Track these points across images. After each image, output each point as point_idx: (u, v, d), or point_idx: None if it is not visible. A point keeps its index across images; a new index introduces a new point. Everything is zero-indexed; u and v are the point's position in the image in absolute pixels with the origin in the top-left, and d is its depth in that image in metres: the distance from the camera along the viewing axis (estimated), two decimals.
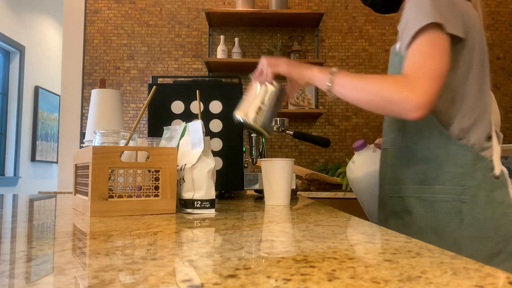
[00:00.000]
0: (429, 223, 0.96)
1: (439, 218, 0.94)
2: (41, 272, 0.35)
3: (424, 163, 0.98)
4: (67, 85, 3.06)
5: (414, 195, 0.99)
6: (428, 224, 0.96)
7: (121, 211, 0.77)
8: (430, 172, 0.97)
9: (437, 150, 0.96)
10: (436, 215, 0.95)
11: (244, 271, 0.35)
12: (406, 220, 1.00)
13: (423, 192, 0.97)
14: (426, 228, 0.96)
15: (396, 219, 1.04)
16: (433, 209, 0.96)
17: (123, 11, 3.11)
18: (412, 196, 0.99)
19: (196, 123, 0.87)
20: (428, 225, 0.96)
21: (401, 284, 0.31)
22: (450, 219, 0.93)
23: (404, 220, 1.01)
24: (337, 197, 2.32)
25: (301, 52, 2.95)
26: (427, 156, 0.97)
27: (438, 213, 0.95)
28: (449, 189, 0.94)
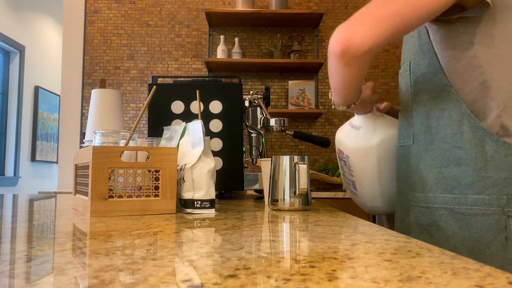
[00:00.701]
0: (464, 242, 0.77)
1: (477, 237, 0.76)
2: (41, 272, 0.35)
3: (456, 165, 0.79)
4: (67, 85, 3.06)
5: (444, 206, 0.80)
6: (463, 243, 0.77)
7: (121, 211, 0.77)
8: (463, 177, 0.78)
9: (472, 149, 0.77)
10: (473, 232, 0.76)
11: (244, 271, 0.35)
12: (435, 236, 0.82)
13: (456, 203, 0.79)
14: (461, 248, 0.78)
15: (421, 233, 0.85)
16: (469, 224, 0.77)
17: (123, 11, 3.11)
18: (442, 208, 0.81)
19: (196, 123, 0.87)
20: (464, 244, 0.77)
21: (401, 284, 0.31)
22: (492, 238, 0.75)
23: (432, 237, 0.83)
24: (337, 197, 2.32)
25: (301, 52, 2.95)
26: (459, 157, 0.79)
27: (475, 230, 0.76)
28: (489, 199, 0.75)
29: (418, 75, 0.88)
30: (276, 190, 0.92)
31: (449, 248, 0.78)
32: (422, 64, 0.86)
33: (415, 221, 0.87)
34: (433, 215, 0.82)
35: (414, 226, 0.87)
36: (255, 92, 1.47)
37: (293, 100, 2.94)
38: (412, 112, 0.89)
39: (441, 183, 0.81)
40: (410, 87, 0.91)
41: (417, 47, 0.87)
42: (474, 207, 0.76)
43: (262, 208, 0.97)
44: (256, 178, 1.31)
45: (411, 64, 0.90)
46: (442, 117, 0.82)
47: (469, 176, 0.77)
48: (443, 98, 0.82)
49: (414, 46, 0.88)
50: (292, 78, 3.07)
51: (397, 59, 3.09)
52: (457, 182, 0.79)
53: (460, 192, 0.78)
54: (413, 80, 0.90)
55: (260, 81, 3.09)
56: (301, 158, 0.91)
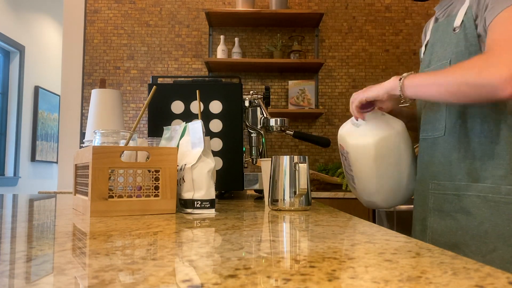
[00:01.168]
0: (495, 228, 0.85)
1: (509, 223, 0.84)
2: (41, 272, 0.35)
3: (490, 158, 0.87)
4: (67, 85, 3.06)
5: (476, 194, 0.88)
6: (494, 228, 0.85)
7: (121, 211, 0.77)
8: (496, 170, 0.86)
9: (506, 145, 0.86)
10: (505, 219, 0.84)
11: (244, 271, 0.35)
12: (462, 221, 0.90)
13: (489, 191, 0.86)
14: (491, 233, 0.86)
15: (444, 219, 0.93)
16: (502, 211, 0.85)
17: (123, 11, 3.11)
18: (474, 195, 0.88)
19: (196, 123, 0.87)
20: (494, 230, 0.85)
21: (401, 284, 0.31)
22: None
23: (458, 221, 0.90)
24: (337, 197, 2.32)
25: (301, 52, 2.95)
26: (494, 151, 0.87)
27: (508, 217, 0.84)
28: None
29: None
30: (276, 190, 0.92)
31: (480, 232, 0.87)
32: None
33: (437, 208, 0.95)
34: (463, 202, 0.89)
35: (434, 212, 0.96)
36: (255, 92, 1.47)
37: (293, 100, 2.94)
38: (447, 107, 0.95)
39: (473, 173, 0.89)
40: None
41: (462, 47, 0.91)
42: (507, 196, 0.84)
43: (262, 208, 0.97)
44: (256, 178, 1.31)
45: (451, 62, 0.93)
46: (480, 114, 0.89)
47: (503, 169, 0.85)
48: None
49: (457, 46, 0.93)
50: (292, 78, 3.07)
51: (397, 59, 3.09)
52: (490, 174, 0.87)
53: (494, 182, 0.86)
54: None
55: (260, 81, 3.09)
56: (301, 158, 0.91)
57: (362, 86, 3.08)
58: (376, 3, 3.13)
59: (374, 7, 3.12)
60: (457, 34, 0.93)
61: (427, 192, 0.99)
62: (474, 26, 0.89)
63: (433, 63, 1.00)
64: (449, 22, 0.97)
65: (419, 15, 3.11)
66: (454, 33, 0.94)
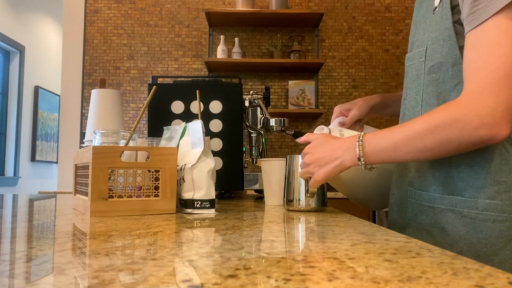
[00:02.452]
0: (471, 248, 0.73)
1: (486, 243, 0.72)
2: (41, 272, 0.35)
3: (468, 166, 0.75)
4: (67, 85, 3.06)
5: (451, 208, 0.76)
6: (470, 248, 0.73)
7: (121, 211, 0.77)
8: (474, 180, 0.74)
9: (487, 151, 0.73)
10: (482, 238, 0.72)
11: (244, 271, 0.35)
12: (437, 238, 0.78)
13: (465, 206, 0.74)
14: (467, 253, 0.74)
15: (420, 233, 0.82)
16: (478, 230, 0.73)
17: (123, 11, 3.11)
18: (448, 209, 0.76)
19: (196, 123, 0.87)
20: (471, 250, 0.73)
21: (401, 284, 0.31)
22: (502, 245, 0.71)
23: (433, 238, 0.79)
24: (337, 197, 2.32)
25: (301, 52, 2.95)
26: (472, 158, 0.74)
27: (485, 236, 0.72)
28: (502, 205, 0.71)
29: (434, 63, 0.79)
30: (291, 190, 0.91)
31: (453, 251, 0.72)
32: (440, 52, 0.78)
33: (414, 219, 0.84)
34: (438, 216, 0.78)
35: (413, 223, 0.84)
36: (255, 92, 1.47)
37: (293, 100, 2.94)
38: (422, 104, 0.83)
39: (449, 183, 0.77)
40: (423, 76, 0.83)
41: (437, 32, 0.78)
42: (485, 212, 0.72)
43: (262, 208, 0.97)
44: (256, 178, 1.31)
45: (427, 49, 0.82)
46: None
47: (481, 179, 0.73)
48: (459, 92, 0.74)
49: (433, 31, 0.80)
50: (292, 78, 3.07)
51: (397, 59, 3.09)
52: (467, 184, 0.74)
53: (471, 195, 0.74)
54: (427, 68, 0.81)
55: (260, 81, 3.09)
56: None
57: (362, 86, 3.08)
58: (376, 3, 3.13)
59: (374, 7, 3.13)
60: (435, 16, 0.80)
61: (405, 200, 0.87)
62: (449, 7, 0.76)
63: (414, 48, 0.88)
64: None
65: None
66: (433, 13, 0.81)
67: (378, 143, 0.75)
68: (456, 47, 0.76)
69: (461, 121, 0.66)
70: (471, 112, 0.66)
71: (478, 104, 0.66)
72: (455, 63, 0.76)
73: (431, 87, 0.81)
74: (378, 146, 0.75)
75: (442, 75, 0.78)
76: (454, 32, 0.76)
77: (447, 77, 0.78)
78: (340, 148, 0.80)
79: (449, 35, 0.76)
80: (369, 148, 0.76)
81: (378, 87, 3.08)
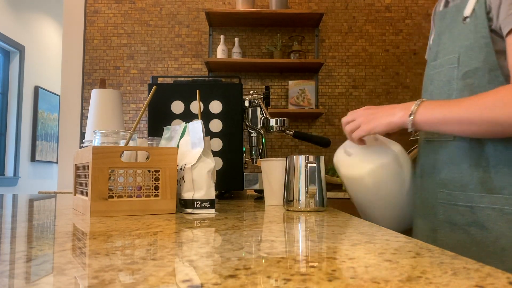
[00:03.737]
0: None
1: None
2: (41, 272, 0.35)
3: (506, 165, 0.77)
4: (67, 85, 3.06)
5: (492, 206, 0.78)
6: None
7: (121, 211, 0.77)
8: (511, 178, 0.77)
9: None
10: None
11: (244, 271, 0.35)
12: (476, 236, 0.80)
13: (505, 203, 0.76)
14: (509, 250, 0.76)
15: (455, 232, 0.83)
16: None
17: (123, 11, 3.11)
18: (488, 207, 0.78)
19: (196, 123, 0.87)
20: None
21: (401, 284, 0.31)
22: None
23: (471, 236, 0.80)
24: (337, 197, 2.32)
25: (301, 52, 2.95)
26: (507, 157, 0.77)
27: None
28: None
29: (469, 69, 0.82)
30: (291, 190, 0.91)
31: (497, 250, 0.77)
32: (476, 58, 0.81)
33: (448, 220, 0.84)
34: (477, 215, 0.79)
35: (445, 224, 0.85)
36: (255, 92, 1.47)
37: (293, 100, 2.94)
38: None
39: (487, 182, 0.79)
40: (455, 81, 0.85)
41: (472, 40, 0.81)
42: None
43: (262, 208, 0.97)
44: (256, 178, 1.31)
45: (461, 57, 0.84)
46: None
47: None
48: None
49: (467, 39, 0.83)
50: (292, 78, 3.07)
51: (397, 59, 3.09)
52: (507, 183, 0.77)
53: (510, 193, 0.76)
54: (461, 73, 0.83)
55: (260, 81, 3.09)
56: (316, 158, 0.90)
57: (362, 86, 3.08)
58: (376, 3, 3.13)
59: (374, 7, 3.13)
60: (467, 25, 0.83)
61: (435, 202, 0.88)
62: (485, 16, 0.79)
63: (440, 57, 0.91)
64: (459, 9, 0.87)
65: (419, 15, 3.11)
66: (463, 23, 0.84)
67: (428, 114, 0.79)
68: (493, 54, 0.80)
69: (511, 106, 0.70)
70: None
71: None
72: (491, 69, 0.80)
73: (466, 92, 0.83)
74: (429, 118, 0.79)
75: (478, 80, 0.81)
76: (490, 39, 0.79)
77: (483, 82, 0.81)
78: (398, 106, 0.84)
79: (485, 43, 0.80)
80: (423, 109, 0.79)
81: (378, 87, 3.08)
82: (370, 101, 3.07)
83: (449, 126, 0.77)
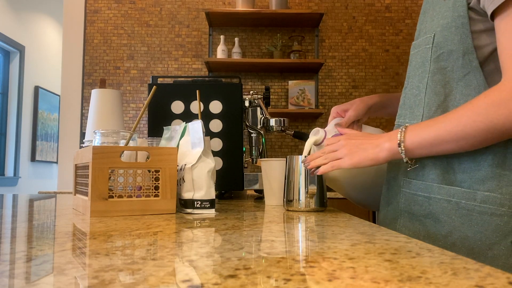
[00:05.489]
0: (465, 241, 0.72)
1: (480, 237, 0.70)
2: (41, 272, 0.35)
3: (469, 158, 0.73)
4: (67, 85, 3.06)
5: (448, 199, 0.74)
6: (464, 241, 0.72)
7: (121, 211, 0.77)
8: (475, 172, 0.72)
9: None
10: (477, 231, 0.71)
11: (244, 271, 0.35)
12: (431, 229, 0.77)
13: (463, 197, 0.73)
14: (460, 245, 0.72)
15: (412, 222, 0.81)
16: (474, 222, 0.71)
17: (123, 11, 3.11)
18: (444, 199, 0.75)
19: (196, 123, 0.87)
20: (464, 243, 0.72)
21: (401, 284, 0.31)
22: (497, 240, 0.69)
23: (426, 229, 0.78)
24: (337, 197, 2.32)
25: (301, 52, 2.95)
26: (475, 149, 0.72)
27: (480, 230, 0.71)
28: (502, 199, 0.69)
29: (443, 51, 0.77)
30: (291, 190, 0.91)
31: (447, 244, 0.74)
32: (451, 39, 0.76)
33: (407, 209, 0.82)
34: (433, 207, 0.76)
35: (404, 214, 0.82)
36: (255, 92, 1.47)
37: (293, 100, 2.94)
38: (426, 92, 0.80)
39: (449, 173, 0.75)
40: (428, 63, 0.80)
41: (449, 18, 0.76)
42: (483, 205, 0.70)
43: (262, 208, 0.97)
44: (256, 178, 1.31)
45: (436, 36, 0.79)
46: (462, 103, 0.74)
47: (483, 171, 0.71)
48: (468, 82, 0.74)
49: (443, 18, 0.77)
50: (292, 78, 3.07)
51: (397, 59, 3.09)
52: (468, 176, 0.73)
53: (470, 186, 0.72)
54: (435, 55, 0.79)
55: (260, 81, 3.09)
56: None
57: (362, 86, 3.08)
58: (376, 3, 3.13)
59: (374, 7, 3.13)
60: (447, 2, 0.77)
61: (398, 190, 0.85)
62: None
63: (421, 35, 0.85)
64: None
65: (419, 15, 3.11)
66: (444, 0, 0.78)
67: (420, 130, 0.73)
68: (469, 36, 0.74)
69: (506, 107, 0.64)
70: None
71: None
72: (466, 52, 0.74)
73: (438, 75, 0.78)
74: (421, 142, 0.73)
75: (451, 63, 0.76)
76: (468, 19, 0.73)
77: (456, 66, 0.76)
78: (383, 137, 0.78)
79: (462, 23, 0.74)
80: (411, 134, 0.74)
81: (378, 87, 3.08)
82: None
83: (444, 146, 0.71)
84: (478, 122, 0.67)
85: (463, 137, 0.69)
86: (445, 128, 0.70)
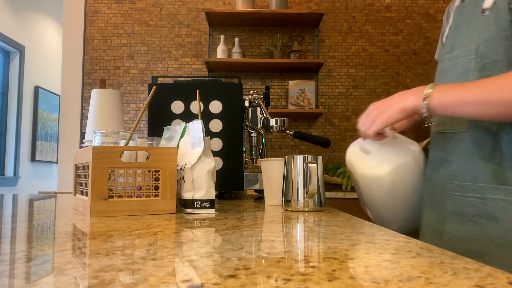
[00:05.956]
0: None
1: None
2: (41, 272, 0.35)
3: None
4: (67, 85, 3.06)
5: (503, 197, 0.77)
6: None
7: (121, 211, 0.77)
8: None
9: None
10: None
11: (244, 271, 0.35)
12: (486, 228, 0.79)
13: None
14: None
15: (463, 223, 0.83)
16: None
17: (123, 11, 3.11)
18: (500, 199, 0.78)
19: (196, 123, 0.87)
20: None
21: (401, 284, 0.31)
22: None
23: (481, 228, 0.80)
24: (337, 197, 2.32)
25: (301, 52, 2.95)
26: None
27: None
28: None
29: (488, 61, 0.82)
30: (289, 190, 0.91)
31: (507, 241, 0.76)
32: (496, 50, 0.81)
33: (457, 211, 0.84)
34: (489, 206, 0.79)
35: (453, 216, 0.85)
36: (255, 92, 1.47)
37: (293, 100, 2.94)
38: None
39: (500, 174, 0.78)
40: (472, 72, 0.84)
41: (492, 32, 0.81)
42: None
43: (262, 208, 0.97)
44: (256, 178, 1.31)
45: (479, 48, 0.84)
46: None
47: None
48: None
49: (486, 30, 0.83)
50: (292, 78, 3.07)
51: (397, 59, 3.09)
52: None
53: None
54: (479, 65, 0.83)
55: (260, 81, 3.09)
56: (314, 158, 0.90)
57: (362, 86, 3.08)
58: (376, 3, 3.13)
59: (374, 7, 3.13)
60: (487, 17, 0.83)
61: (444, 194, 0.87)
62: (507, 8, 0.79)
63: (456, 48, 0.89)
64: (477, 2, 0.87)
65: (419, 15, 3.11)
66: (482, 15, 0.84)
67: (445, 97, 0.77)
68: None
69: None
70: None
71: None
72: (510, 62, 0.79)
73: None
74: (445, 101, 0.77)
75: (497, 72, 0.80)
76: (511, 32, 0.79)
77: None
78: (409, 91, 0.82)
79: (506, 35, 0.80)
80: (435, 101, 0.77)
81: (378, 87, 3.08)
82: (370, 101, 3.06)
83: (466, 108, 0.75)
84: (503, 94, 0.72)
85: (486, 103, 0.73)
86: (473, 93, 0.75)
